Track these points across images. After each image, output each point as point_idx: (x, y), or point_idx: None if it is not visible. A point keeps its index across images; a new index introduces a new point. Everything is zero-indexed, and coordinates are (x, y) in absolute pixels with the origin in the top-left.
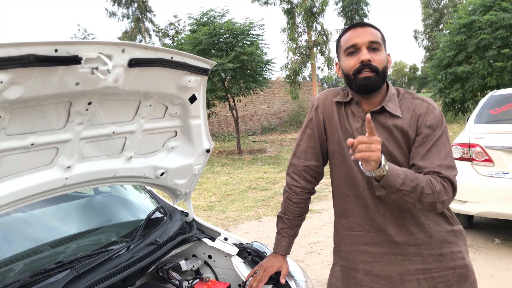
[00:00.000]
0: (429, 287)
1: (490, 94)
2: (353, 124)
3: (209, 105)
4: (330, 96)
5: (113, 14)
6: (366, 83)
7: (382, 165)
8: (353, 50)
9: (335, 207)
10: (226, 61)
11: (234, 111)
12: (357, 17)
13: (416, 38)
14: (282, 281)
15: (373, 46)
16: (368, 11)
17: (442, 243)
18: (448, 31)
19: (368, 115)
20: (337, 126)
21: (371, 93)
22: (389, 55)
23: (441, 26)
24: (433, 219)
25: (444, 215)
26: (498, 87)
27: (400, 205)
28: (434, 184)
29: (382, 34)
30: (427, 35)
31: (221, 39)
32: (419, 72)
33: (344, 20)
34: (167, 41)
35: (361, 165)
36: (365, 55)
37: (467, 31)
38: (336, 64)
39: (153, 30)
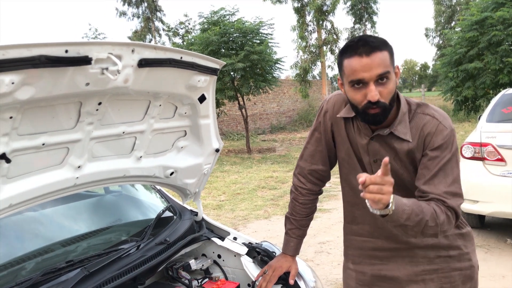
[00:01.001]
0: (435, 287)
1: (503, 92)
2: (359, 141)
3: (218, 104)
4: (339, 102)
5: (123, 13)
6: (374, 120)
7: (389, 206)
8: (359, 83)
9: (344, 213)
10: (236, 60)
11: (243, 110)
12: (366, 15)
13: (427, 36)
14: (291, 281)
15: (382, 77)
16: (377, 9)
17: (450, 246)
18: (459, 29)
19: (386, 159)
20: (346, 137)
21: (379, 124)
22: (397, 67)
23: (453, 24)
24: None
25: None
26: (510, 84)
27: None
28: (439, 215)
29: (389, 50)
30: (439, 33)
31: (231, 39)
32: (429, 70)
33: (353, 19)
34: (177, 40)
35: (368, 203)
36: (373, 95)
37: (479, 27)
38: (339, 79)
39: (163, 30)
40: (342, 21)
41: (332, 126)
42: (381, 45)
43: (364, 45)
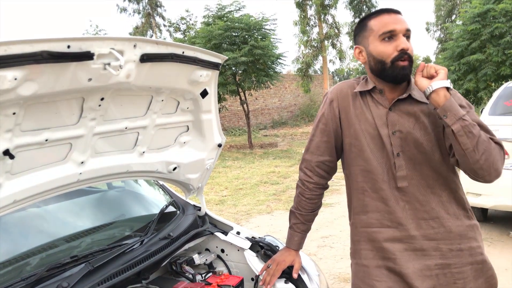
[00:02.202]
0: (448, 283)
1: (505, 85)
2: (376, 111)
3: (220, 99)
4: (345, 89)
5: (124, 9)
6: (403, 73)
7: (447, 83)
8: (390, 35)
9: (353, 204)
10: (239, 55)
11: (245, 105)
12: (366, 9)
13: (428, 30)
14: (295, 275)
15: (408, 34)
16: (376, 2)
17: (461, 238)
18: (461, 22)
19: (422, 63)
20: (353, 118)
21: (404, 82)
22: None
23: (453, 17)
24: (454, 213)
25: (465, 208)
26: None
27: (456, 146)
28: (489, 140)
29: None
30: (439, 27)
31: (234, 33)
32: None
33: (353, 13)
34: (179, 35)
35: (424, 83)
36: (405, 43)
37: (482, 20)
38: (356, 48)
39: (164, 25)
40: (341, 15)
41: (340, 113)
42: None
43: (389, 8)
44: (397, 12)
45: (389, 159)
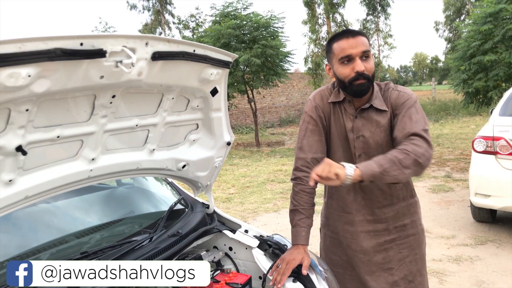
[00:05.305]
0: (395, 253)
1: None
2: (346, 118)
3: (228, 97)
4: (324, 97)
5: (133, 6)
6: (361, 89)
7: (348, 175)
8: (348, 60)
9: (327, 188)
10: (250, 54)
11: (252, 104)
12: (379, 7)
13: (437, 29)
14: (304, 272)
15: (365, 55)
16: (392, 0)
17: (405, 215)
18: (471, 21)
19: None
20: (332, 123)
21: (364, 96)
22: (372, 55)
23: (462, 17)
24: (403, 196)
25: (411, 190)
26: None
27: (394, 183)
28: (404, 148)
29: (367, 38)
30: (448, 26)
31: (243, 32)
32: (441, 64)
33: (367, 10)
34: (187, 33)
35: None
36: (360, 66)
37: (494, 20)
38: (327, 65)
39: (173, 23)
40: (353, 12)
41: (325, 117)
42: (361, 32)
43: (349, 31)
44: (356, 34)
45: (353, 159)
